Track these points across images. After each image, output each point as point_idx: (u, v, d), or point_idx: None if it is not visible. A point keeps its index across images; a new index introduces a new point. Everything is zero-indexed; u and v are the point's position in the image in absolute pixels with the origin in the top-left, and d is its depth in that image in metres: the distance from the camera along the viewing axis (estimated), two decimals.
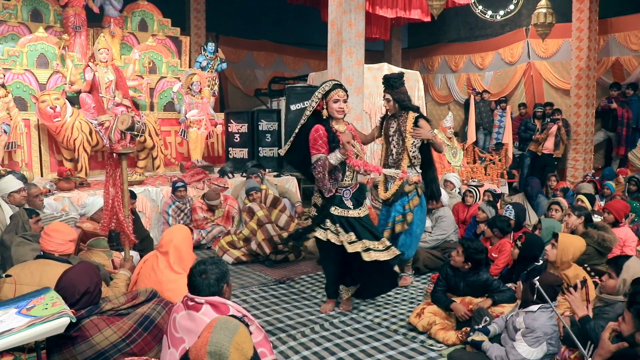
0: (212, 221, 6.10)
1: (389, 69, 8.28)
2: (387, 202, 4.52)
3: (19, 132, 6.27)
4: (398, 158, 4.42)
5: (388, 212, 4.52)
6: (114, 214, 3.94)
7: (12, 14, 7.32)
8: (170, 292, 3.02)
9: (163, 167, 7.60)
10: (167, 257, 3.24)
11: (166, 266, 3.22)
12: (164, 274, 3.19)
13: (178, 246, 3.26)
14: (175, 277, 3.16)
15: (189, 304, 2.36)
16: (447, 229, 5.24)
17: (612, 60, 9.50)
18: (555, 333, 2.87)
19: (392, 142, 4.45)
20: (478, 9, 8.25)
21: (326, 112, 3.87)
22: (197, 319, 2.29)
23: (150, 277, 3.21)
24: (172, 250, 3.24)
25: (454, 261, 3.76)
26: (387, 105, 4.44)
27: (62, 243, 3.28)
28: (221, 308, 2.33)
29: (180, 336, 2.31)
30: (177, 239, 3.29)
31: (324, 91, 3.86)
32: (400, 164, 4.40)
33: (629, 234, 4.74)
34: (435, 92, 12.77)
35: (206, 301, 2.34)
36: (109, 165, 3.90)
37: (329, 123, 3.87)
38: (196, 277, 2.38)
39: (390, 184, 4.49)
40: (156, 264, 3.26)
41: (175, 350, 2.29)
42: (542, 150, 9.26)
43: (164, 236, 3.40)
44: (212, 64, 8.27)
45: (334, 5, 6.37)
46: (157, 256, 3.31)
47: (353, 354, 3.29)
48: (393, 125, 4.44)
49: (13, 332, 2.14)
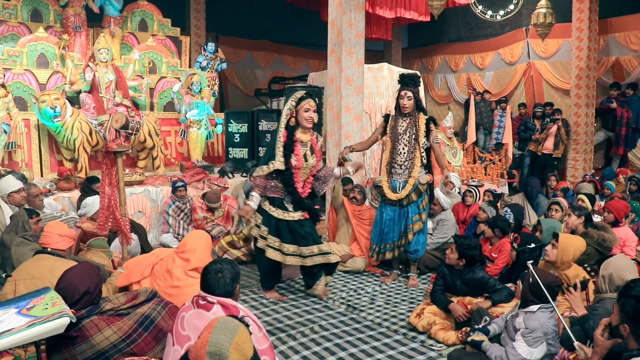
0: (212, 221, 6.10)
1: (389, 69, 8.28)
2: (399, 202, 4.46)
3: (19, 132, 6.27)
4: (410, 157, 4.39)
5: (400, 213, 4.48)
6: (110, 213, 3.95)
7: (12, 14, 7.32)
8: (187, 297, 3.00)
9: (163, 167, 7.60)
10: (188, 263, 3.21)
11: (182, 272, 3.19)
12: (181, 278, 3.17)
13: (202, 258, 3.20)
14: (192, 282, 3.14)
15: (200, 303, 2.36)
16: (448, 232, 5.24)
17: (612, 60, 9.50)
18: (555, 333, 2.88)
19: (403, 142, 4.41)
20: (478, 9, 8.25)
21: (294, 121, 3.97)
22: (207, 318, 2.28)
23: (166, 280, 3.20)
24: (194, 260, 3.21)
25: (448, 259, 3.77)
26: (407, 103, 4.39)
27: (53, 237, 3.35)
28: (232, 310, 2.33)
29: (187, 334, 2.30)
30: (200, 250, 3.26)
31: (296, 100, 3.95)
32: (413, 163, 4.39)
33: (629, 234, 4.74)
34: (435, 92, 12.77)
35: (218, 301, 2.35)
36: (105, 165, 3.92)
37: (294, 130, 3.97)
38: (212, 275, 2.40)
39: (397, 183, 4.47)
40: (172, 266, 3.23)
41: (179, 348, 2.28)
42: (542, 150, 9.26)
43: (187, 241, 3.34)
44: (212, 64, 8.27)
45: (334, 5, 6.37)
46: (174, 259, 3.28)
47: (353, 353, 3.29)
48: (403, 125, 4.42)
49: (13, 332, 2.14)
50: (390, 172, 4.52)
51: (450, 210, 5.50)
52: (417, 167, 4.41)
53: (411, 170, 4.43)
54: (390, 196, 4.46)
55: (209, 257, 3.27)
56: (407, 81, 4.41)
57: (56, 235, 3.37)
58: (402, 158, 4.41)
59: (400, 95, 4.45)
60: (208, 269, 2.44)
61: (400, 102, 4.45)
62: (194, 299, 2.40)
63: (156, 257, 3.42)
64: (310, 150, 4.09)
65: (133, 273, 3.33)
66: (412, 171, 4.44)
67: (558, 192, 6.71)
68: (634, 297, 2.18)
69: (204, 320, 2.27)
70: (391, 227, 4.52)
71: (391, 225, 4.51)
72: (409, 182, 4.41)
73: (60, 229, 3.43)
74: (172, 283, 3.16)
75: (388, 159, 4.51)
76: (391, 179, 4.50)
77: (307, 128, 4.01)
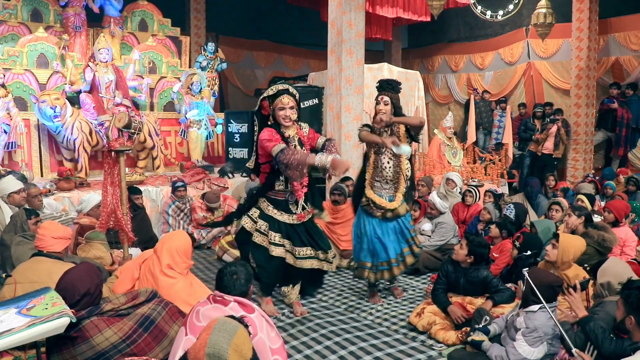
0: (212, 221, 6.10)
1: (389, 69, 8.28)
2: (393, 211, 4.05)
3: (19, 132, 6.27)
4: (396, 171, 4.04)
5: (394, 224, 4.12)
6: (112, 212, 3.95)
7: (12, 14, 7.32)
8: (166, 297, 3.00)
9: (163, 167, 7.60)
10: (160, 262, 3.25)
11: (160, 270, 3.22)
12: (159, 278, 3.20)
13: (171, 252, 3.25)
14: (170, 282, 3.18)
15: (217, 299, 2.43)
16: (446, 235, 5.24)
17: (612, 60, 9.49)
18: (555, 333, 2.87)
19: (387, 154, 4.02)
20: (478, 9, 8.25)
21: (272, 119, 3.78)
22: (224, 312, 2.34)
23: (148, 281, 3.22)
24: (164, 259, 3.24)
25: (456, 255, 3.76)
26: (383, 107, 3.95)
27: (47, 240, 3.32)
28: (248, 307, 2.42)
29: (202, 324, 2.32)
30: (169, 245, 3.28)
31: (267, 95, 3.75)
32: (399, 178, 4.04)
33: (629, 234, 4.74)
34: (436, 92, 12.77)
35: (234, 300, 2.42)
36: (107, 164, 3.92)
37: (279, 128, 3.74)
38: (228, 277, 2.49)
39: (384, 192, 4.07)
40: (152, 266, 3.27)
41: (193, 337, 2.28)
42: (542, 150, 9.25)
43: (161, 241, 3.40)
44: (212, 64, 8.28)
45: (334, 5, 6.37)
46: (153, 259, 3.31)
47: (352, 351, 3.29)
48: (384, 135, 3.98)
49: (13, 332, 2.14)
50: (373, 186, 4.09)
51: (448, 213, 5.48)
52: (402, 182, 4.08)
53: (397, 185, 4.08)
54: (385, 205, 4.03)
55: (181, 257, 3.27)
56: (385, 86, 4.06)
57: (50, 238, 3.31)
58: (387, 173, 4.04)
59: (377, 101, 4.03)
60: (223, 271, 2.53)
61: (377, 108, 4.01)
62: (210, 296, 2.47)
63: (142, 258, 3.43)
64: (299, 143, 3.83)
65: (126, 280, 3.33)
66: (397, 186, 4.09)
67: (558, 192, 6.70)
68: (637, 289, 2.20)
69: (222, 313, 2.31)
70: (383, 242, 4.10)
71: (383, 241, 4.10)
72: (396, 196, 4.08)
73: (54, 232, 3.35)
74: (154, 284, 3.17)
75: (371, 173, 4.08)
76: (377, 193, 4.08)
77: (287, 126, 3.77)
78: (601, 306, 2.90)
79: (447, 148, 7.92)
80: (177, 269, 3.24)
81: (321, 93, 7.68)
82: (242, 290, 2.48)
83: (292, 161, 3.48)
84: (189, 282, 3.32)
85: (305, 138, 3.90)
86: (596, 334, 2.56)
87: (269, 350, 2.38)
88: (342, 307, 4.12)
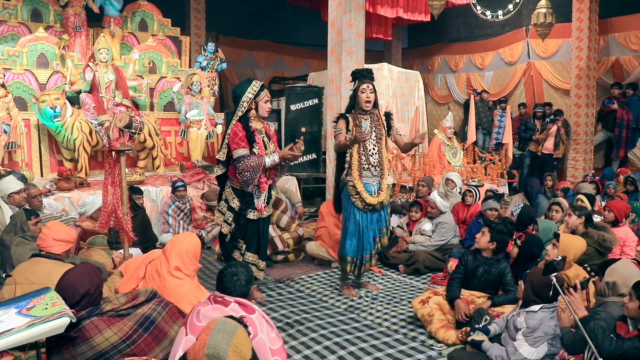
0: (212, 221, 6.09)
1: (389, 69, 8.28)
2: (374, 207, 4.15)
3: (19, 132, 6.27)
4: (380, 157, 4.16)
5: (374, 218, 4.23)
6: (112, 212, 3.95)
7: (12, 14, 7.31)
8: (172, 298, 3.02)
9: (163, 167, 7.59)
10: (168, 264, 3.25)
11: (167, 271, 3.22)
12: (167, 279, 3.20)
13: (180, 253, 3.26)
14: (177, 283, 3.18)
15: (217, 300, 2.44)
16: (446, 235, 5.24)
17: (612, 60, 9.50)
18: (556, 333, 2.87)
19: (371, 141, 4.13)
20: (478, 9, 8.25)
21: (254, 112, 3.99)
22: (225, 312, 2.36)
23: (154, 280, 3.21)
24: (172, 260, 3.25)
25: (478, 243, 3.80)
26: (371, 96, 4.10)
27: (48, 241, 3.31)
28: (248, 308, 2.44)
29: (202, 325, 2.32)
30: (179, 247, 3.29)
31: (255, 92, 3.97)
32: (383, 164, 4.17)
33: (629, 234, 4.74)
34: (435, 92, 12.77)
35: (235, 300, 2.44)
36: (108, 163, 3.92)
37: (247, 121, 3.96)
38: (228, 278, 2.51)
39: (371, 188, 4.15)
40: (160, 266, 3.27)
41: (193, 337, 2.30)
42: (542, 150, 9.25)
43: (171, 242, 3.40)
44: (212, 64, 8.26)
45: (334, 5, 6.37)
46: (161, 260, 3.31)
47: (352, 352, 3.29)
48: (364, 123, 4.14)
49: (13, 332, 2.14)
50: (361, 174, 4.13)
51: (449, 213, 5.48)
52: (387, 168, 4.20)
53: (382, 171, 4.19)
54: (369, 199, 4.11)
55: (190, 259, 3.29)
56: (366, 74, 4.18)
57: (51, 239, 3.29)
58: (374, 159, 4.13)
59: (361, 89, 4.11)
60: (224, 272, 2.54)
61: (362, 97, 4.10)
62: (210, 297, 2.48)
63: (149, 257, 3.43)
64: (267, 136, 4.08)
65: (132, 278, 3.33)
66: (383, 172, 4.20)
67: (558, 192, 6.70)
68: None
69: (222, 313, 2.33)
70: (368, 234, 4.24)
71: (368, 233, 4.24)
72: (382, 184, 4.19)
73: (57, 233, 3.33)
74: (160, 284, 3.17)
75: (357, 160, 4.12)
76: (364, 183, 4.14)
77: (266, 118, 4.09)
78: (603, 307, 2.90)
79: (447, 148, 7.91)
80: (185, 270, 3.25)
81: (321, 93, 7.68)
82: (242, 291, 2.50)
83: (247, 168, 3.83)
84: (196, 285, 3.35)
85: (271, 132, 4.18)
86: (596, 334, 2.56)
87: (269, 351, 2.38)
88: (342, 307, 4.12)
